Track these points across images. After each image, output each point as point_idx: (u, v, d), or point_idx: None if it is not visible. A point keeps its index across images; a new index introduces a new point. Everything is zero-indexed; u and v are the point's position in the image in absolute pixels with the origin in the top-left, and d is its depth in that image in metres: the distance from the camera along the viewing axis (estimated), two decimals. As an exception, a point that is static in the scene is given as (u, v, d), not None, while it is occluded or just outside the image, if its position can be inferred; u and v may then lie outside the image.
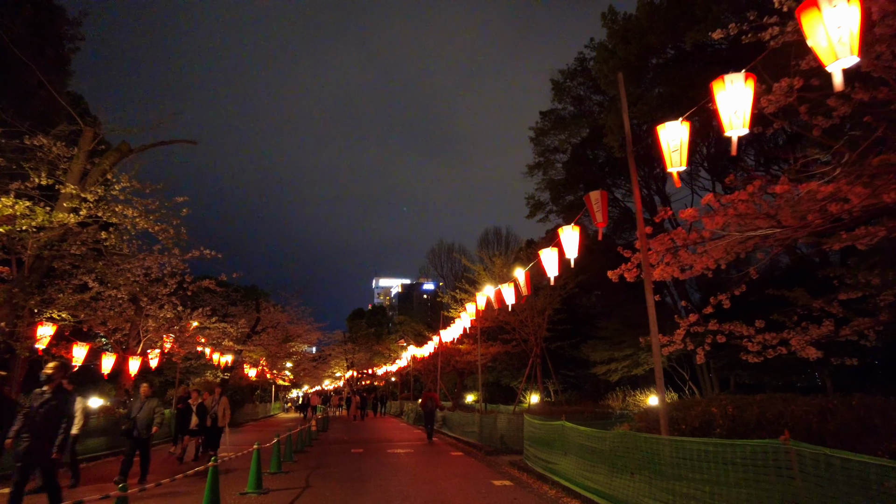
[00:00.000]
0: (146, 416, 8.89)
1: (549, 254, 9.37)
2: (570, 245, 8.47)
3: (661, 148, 5.98)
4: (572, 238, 8.47)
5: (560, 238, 8.59)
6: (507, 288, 11.89)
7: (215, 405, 11.86)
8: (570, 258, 8.46)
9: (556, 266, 9.30)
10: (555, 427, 8.81)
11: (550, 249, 9.36)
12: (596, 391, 27.53)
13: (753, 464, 4.31)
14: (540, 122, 26.45)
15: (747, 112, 4.65)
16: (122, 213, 8.83)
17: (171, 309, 15.13)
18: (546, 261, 9.35)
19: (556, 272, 9.29)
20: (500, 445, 12.68)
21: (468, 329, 16.96)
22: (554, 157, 27.96)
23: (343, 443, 15.95)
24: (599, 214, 7.52)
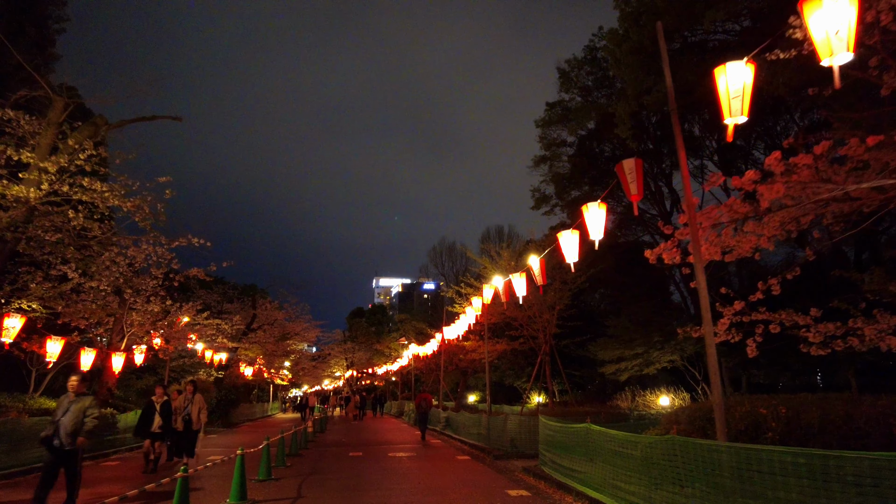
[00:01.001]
0: (73, 421, 6.14)
1: (568, 237, 8.32)
2: (594, 225, 7.42)
3: (718, 95, 4.93)
4: (597, 217, 7.43)
5: (584, 217, 7.54)
6: (517, 278, 10.83)
7: (188, 404, 10.10)
8: (596, 240, 7.41)
9: (576, 250, 8.25)
10: (578, 430, 7.74)
11: (571, 232, 8.31)
12: (602, 391, 26.46)
13: (874, 483, 3.24)
14: (546, 114, 25.46)
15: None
16: (89, 186, 7.75)
17: (158, 302, 14.07)
18: (566, 244, 8.29)
19: (576, 257, 8.23)
20: (511, 449, 11.62)
21: (473, 325, 15.90)
22: (560, 149, 26.97)
23: (341, 445, 14.88)
24: (634, 186, 6.47)
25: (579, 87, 25.16)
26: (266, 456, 9.02)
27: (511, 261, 15.44)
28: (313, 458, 12.16)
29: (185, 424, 10.04)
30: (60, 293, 12.13)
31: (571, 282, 15.56)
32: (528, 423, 11.73)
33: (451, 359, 22.51)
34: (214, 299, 24.67)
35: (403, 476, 9.32)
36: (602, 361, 23.10)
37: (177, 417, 9.95)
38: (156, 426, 9.86)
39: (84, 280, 12.26)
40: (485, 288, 13.20)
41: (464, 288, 17.30)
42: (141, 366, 24.10)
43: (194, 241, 12.30)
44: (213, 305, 24.31)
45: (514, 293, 11.01)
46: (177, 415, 9.98)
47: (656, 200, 26.34)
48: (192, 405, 10.19)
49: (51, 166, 7.25)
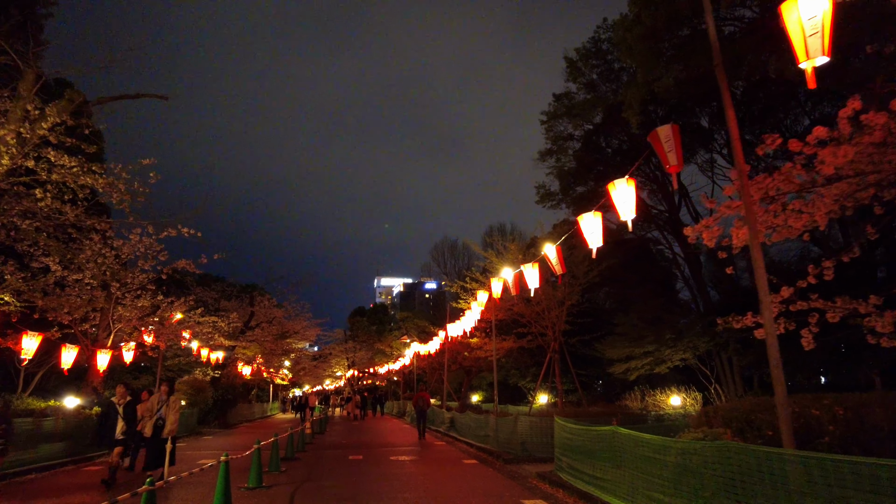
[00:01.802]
0: None
1: (590, 220, 7.47)
2: (624, 204, 6.57)
3: (789, 36, 4.07)
4: (626, 195, 6.58)
5: (611, 196, 6.69)
6: (530, 269, 9.97)
7: (162, 406, 8.33)
8: (628, 220, 6.56)
9: (600, 234, 7.40)
10: (603, 434, 6.88)
11: (593, 214, 7.46)
12: (609, 391, 25.60)
13: None
14: (552, 106, 24.64)
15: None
16: (56, 161, 6.90)
17: (149, 297, 13.23)
18: (588, 228, 7.44)
19: (599, 241, 7.39)
20: (521, 453, 10.75)
21: (479, 321, 15.05)
22: (566, 143, 26.14)
23: (340, 447, 14.02)
24: (673, 156, 5.62)
25: (585, 80, 24.32)
26: (257, 461, 8.16)
27: (518, 254, 14.59)
28: (310, 461, 11.30)
29: (155, 430, 8.31)
30: (44, 286, 11.31)
31: (583, 276, 14.69)
32: (539, 424, 10.88)
33: (454, 357, 21.65)
34: (211, 297, 23.83)
35: (407, 483, 8.46)
36: (610, 360, 22.24)
37: (145, 421, 8.24)
38: (119, 432, 8.31)
39: (67, 273, 11.45)
40: (492, 281, 12.34)
41: (469, 283, 16.44)
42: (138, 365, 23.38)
43: (184, 231, 11.49)
44: (210, 303, 23.48)
45: (525, 285, 10.16)
46: (145, 418, 8.31)
47: (665, 195, 25.51)
48: (166, 408, 8.42)
49: (9, 136, 6.39)
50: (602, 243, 7.45)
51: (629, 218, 6.58)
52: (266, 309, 23.47)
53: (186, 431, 17.78)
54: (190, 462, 11.09)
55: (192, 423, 18.53)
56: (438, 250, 45.18)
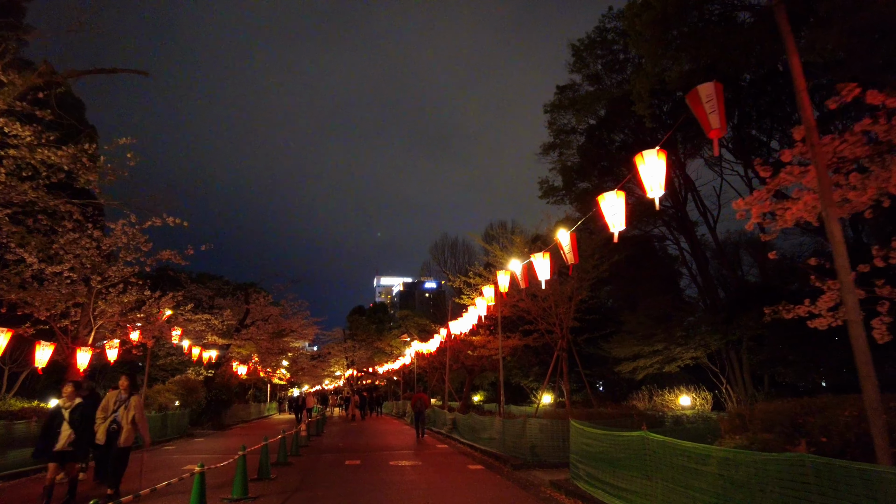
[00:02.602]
0: None
1: (612, 200, 6.65)
2: (652, 177, 5.75)
3: None
4: (656, 169, 5.76)
5: (638, 169, 5.86)
6: (540, 260, 9.13)
7: (120, 406, 6.77)
8: (656, 196, 5.74)
9: (623, 216, 6.58)
10: (630, 441, 6.05)
11: (616, 194, 6.63)
12: (615, 391, 24.78)
13: None
14: (556, 97, 23.81)
15: None
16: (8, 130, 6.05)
17: (136, 291, 12.37)
18: (609, 209, 6.62)
19: (623, 224, 6.57)
20: (531, 458, 9.91)
21: (483, 318, 14.21)
22: (569, 137, 25.36)
23: (337, 451, 13.17)
24: (715, 117, 4.79)
25: (589, 71, 23.52)
26: (242, 469, 7.31)
27: (524, 247, 13.74)
28: (305, 467, 10.45)
29: (109, 437, 6.63)
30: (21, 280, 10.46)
31: (592, 269, 13.86)
32: (550, 427, 10.03)
33: (456, 356, 20.80)
34: (206, 294, 22.97)
35: (408, 493, 7.62)
36: (616, 359, 21.43)
37: (98, 425, 6.71)
38: (64, 442, 6.40)
39: (45, 265, 10.60)
40: (498, 275, 11.51)
41: (472, 278, 15.59)
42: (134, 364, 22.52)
43: (169, 220, 10.69)
44: (205, 301, 22.63)
45: (535, 277, 9.33)
46: (98, 420, 6.77)
47: (671, 191, 24.70)
48: (125, 409, 6.77)
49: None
50: (624, 226, 6.63)
51: (658, 195, 5.77)
52: (262, 307, 22.60)
53: (177, 433, 16.92)
54: (175, 468, 10.24)
55: (184, 425, 17.66)
56: (438, 248, 44.42)
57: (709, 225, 22.72)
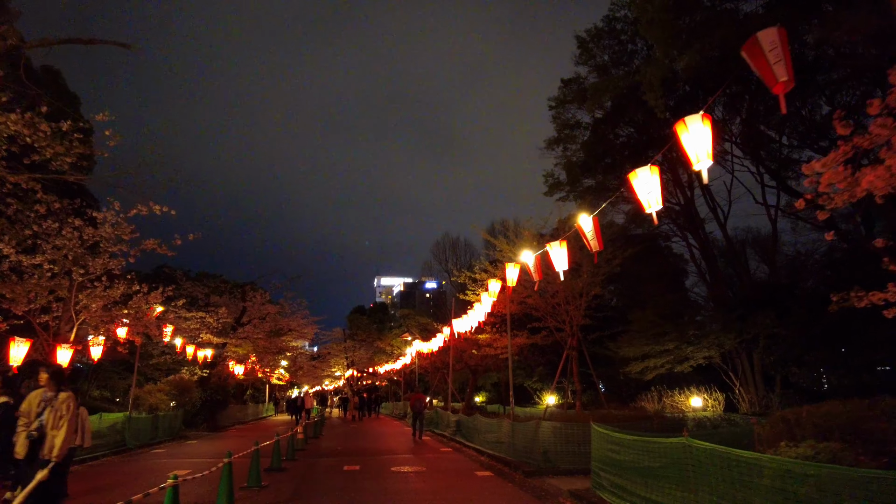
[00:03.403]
0: None
1: (646, 178, 5.87)
2: (698, 147, 4.97)
3: None
4: (701, 135, 4.97)
5: (680, 139, 5.08)
6: (556, 249, 8.34)
7: (45, 408, 5.14)
8: (703, 169, 4.97)
9: (658, 194, 5.81)
10: (668, 448, 5.25)
11: (650, 170, 5.85)
12: (621, 391, 23.97)
13: None
14: (561, 91, 23.06)
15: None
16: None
17: (123, 285, 11.57)
18: (642, 187, 5.84)
19: (658, 203, 5.81)
20: (544, 463, 9.11)
21: (489, 315, 13.41)
22: (574, 132, 24.64)
23: (335, 455, 12.36)
24: (782, 68, 4.00)
25: (596, 63, 22.78)
26: (227, 479, 6.52)
27: (533, 241, 12.95)
28: (300, 473, 9.65)
29: (30, 446, 5.06)
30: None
31: (605, 264, 13.08)
32: (564, 430, 9.24)
33: (459, 356, 20.00)
34: (202, 292, 22.15)
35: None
36: (624, 359, 20.64)
37: (19, 434, 5.09)
38: None
39: (23, 257, 9.81)
40: (507, 267, 10.72)
41: (478, 273, 14.80)
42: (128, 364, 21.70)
43: (156, 208, 9.89)
44: (201, 298, 21.82)
45: (551, 267, 8.54)
46: (20, 429, 5.15)
47: (679, 187, 23.96)
48: (50, 410, 5.13)
49: None
50: (661, 205, 5.87)
51: (706, 167, 5.01)
52: (259, 305, 21.79)
53: (169, 435, 16.12)
54: (160, 474, 9.42)
55: (177, 426, 16.84)
56: (440, 247, 43.66)
57: (719, 221, 21.98)
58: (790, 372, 18.15)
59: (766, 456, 4.40)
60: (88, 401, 25.59)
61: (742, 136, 22.89)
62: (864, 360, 15.21)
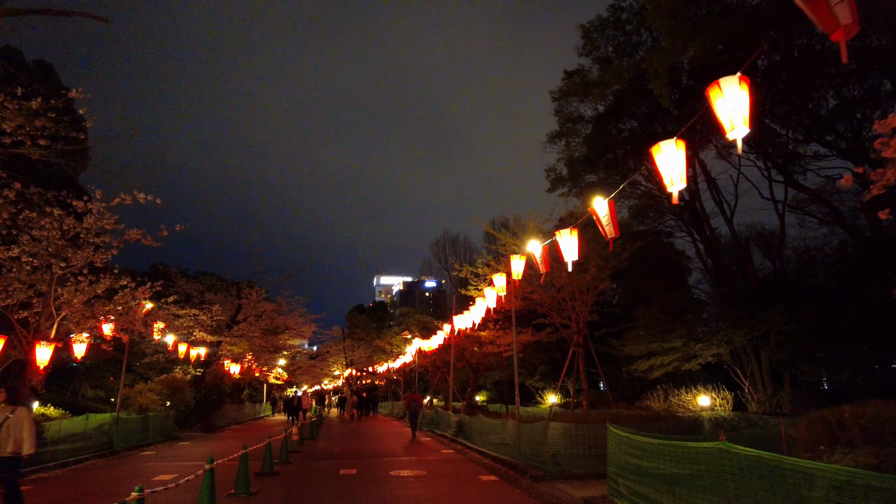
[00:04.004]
0: None
1: (670, 153, 5.27)
2: (733, 112, 4.38)
3: None
4: (738, 99, 4.38)
5: (713, 106, 4.50)
6: (566, 237, 7.73)
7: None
8: (739, 137, 4.38)
9: (683, 171, 5.21)
10: (700, 453, 4.64)
11: (675, 145, 5.25)
12: (625, 390, 23.36)
13: None
14: (563, 83, 22.45)
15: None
16: None
17: (109, 279, 10.94)
18: (666, 164, 5.23)
19: (682, 181, 5.21)
20: (553, 467, 8.49)
21: (493, 310, 12.80)
22: (576, 126, 24.06)
23: (332, 457, 11.74)
24: (844, 9, 3.40)
25: (600, 55, 22.18)
26: (208, 487, 5.90)
27: (539, 233, 12.33)
28: (293, 477, 9.02)
29: None
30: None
31: (613, 258, 12.47)
32: (574, 432, 8.62)
33: (460, 354, 19.37)
34: (197, 289, 21.50)
35: (413, 514, 6.21)
36: (628, 357, 20.04)
37: None
38: None
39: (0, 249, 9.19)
40: (513, 260, 10.11)
41: (480, 268, 14.18)
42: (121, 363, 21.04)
43: (140, 197, 9.30)
44: (195, 296, 21.17)
45: (558, 260, 7.92)
46: None
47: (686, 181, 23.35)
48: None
49: None
50: (685, 183, 5.27)
51: (741, 134, 4.42)
52: (254, 302, 21.12)
53: (161, 437, 15.49)
54: (144, 479, 8.81)
55: (169, 427, 16.21)
56: (439, 245, 43.00)
57: (725, 216, 21.39)
58: (800, 370, 17.55)
59: (824, 465, 3.78)
60: (82, 401, 24.97)
61: (747, 130, 22.29)
62: (878, 357, 14.62)
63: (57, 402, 18.14)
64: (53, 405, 16.60)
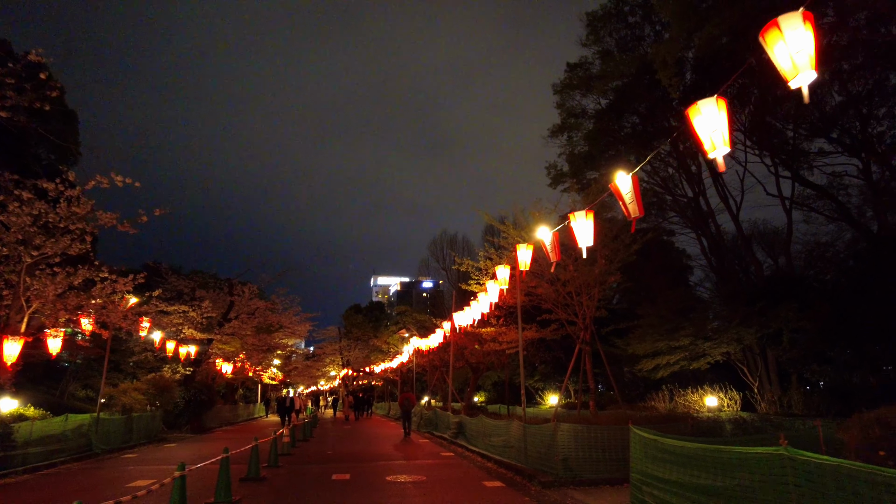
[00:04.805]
0: None
1: (710, 113, 4.52)
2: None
3: None
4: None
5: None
6: (581, 220, 6.98)
7: None
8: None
9: (725, 133, 4.47)
10: (757, 460, 3.88)
11: (716, 105, 4.50)
12: (629, 391, 22.61)
13: None
14: (566, 76, 21.79)
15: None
16: None
17: (88, 271, 10.12)
18: (706, 125, 4.49)
19: (726, 145, 4.47)
20: (564, 473, 7.73)
21: (495, 305, 12.03)
22: (578, 121, 23.41)
23: (324, 461, 10.94)
24: None
25: (602, 47, 21.51)
26: (179, 496, 5.11)
27: (548, 222, 11.58)
28: (281, 484, 8.22)
29: None
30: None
31: (624, 249, 11.73)
32: (587, 434, 7.87)
33: (459, 353, 18.59)
34: (187, 287, 20.65)
35: (412, 528, 5.43)
36: (633, 356, 19.26)
37: None
38: None
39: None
40: (519, 249, 9.35)
41: (482, 261, 13.41)
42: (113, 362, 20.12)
43: (117, 179, 8.51)
44: (186, 293, 20.31)
45: (575, 245, 7.17)
46: None
47: (689, 178, 22.71)
48: None
49: None
50: (730, 147, 4.52)
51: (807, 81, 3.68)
52: (246, 299, 20.25)
53: (146, 438, 14.63)
54: (116, 487, 8.01)
55: (155, 428, 15.34)
56: (437, 245, 42.14)
57: (731, 212, 20.67)
58: (810, 370, 16.84)
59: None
60: (70, 401, 24.00)
61: (751, 127, 21.70)
62: (894, 356, 13.93)
63: (45, 403, 17.23)
64: (43, 406, 15.71)
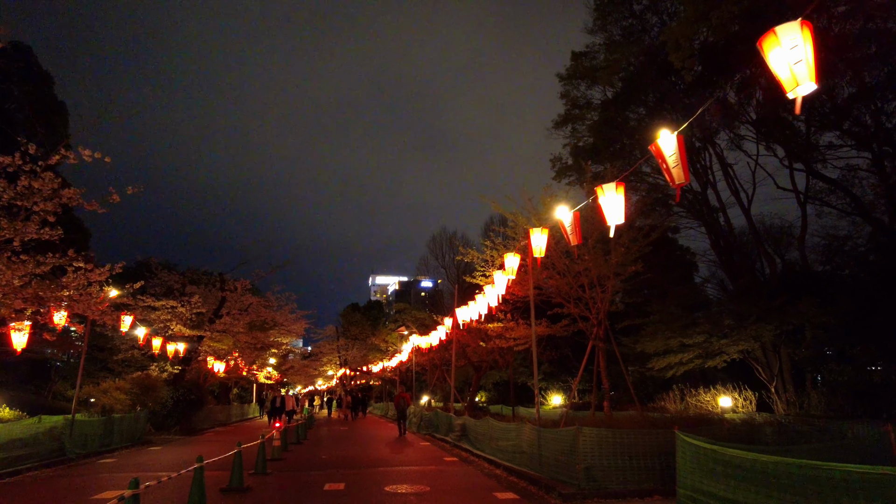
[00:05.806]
0: None
1: (793, 41, 3.57)
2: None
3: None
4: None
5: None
6: (611, 194, 6.04)
7: None
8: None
9: (812, 66, 3.52)
10: (879, 482, 2.92)
11: (801, 30, 3.54)
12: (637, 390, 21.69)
13: None
14: (571, 65, 20.91)
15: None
16: None
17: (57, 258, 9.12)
18: (784, 60, 3.55)
19: (813, 81, 3.51)
20: (587, 483, 6.77)
21: (501, 297, 11.07)
22: (583, 112, 22.54)
23: (317, 467, 9.95)
24: None
25: (607, 40, 20.67)
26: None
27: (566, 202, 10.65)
28: (266, 495, 7.25)
29: None
30: None
31: (643, 238, 10.80)
32: (612, 439, 6.92)
33: (461, 351, 17.64)
34: (177, 282, 19.64)
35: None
36: (642, 355, 18.36)
37: None
38: None
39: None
40: (532, 233, 8.40)
41: (488, 251, 12.45)
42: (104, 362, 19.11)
43: (86, 154, 7.57)
44: (176, 288, 19.31)
45: (603, 222, 6.23)
46: None
47: (694, 172, 21.85)
48: None
49: None
50: (817, 83, 3.58)
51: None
52: (239, 295, 19.25)
53: (129, 441, 13.62)
54: (82, 496, 7.03)
55: (140, 430, 14.30)
56: (436, 243, 41.16)
57: (742, 206, 19.79)
58: (828, 369, 15.94)
59: None
60: (56, 402, 22.96)
61: (758, 120, 20.85)
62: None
63: (30, 403, 16.24)
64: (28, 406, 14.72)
